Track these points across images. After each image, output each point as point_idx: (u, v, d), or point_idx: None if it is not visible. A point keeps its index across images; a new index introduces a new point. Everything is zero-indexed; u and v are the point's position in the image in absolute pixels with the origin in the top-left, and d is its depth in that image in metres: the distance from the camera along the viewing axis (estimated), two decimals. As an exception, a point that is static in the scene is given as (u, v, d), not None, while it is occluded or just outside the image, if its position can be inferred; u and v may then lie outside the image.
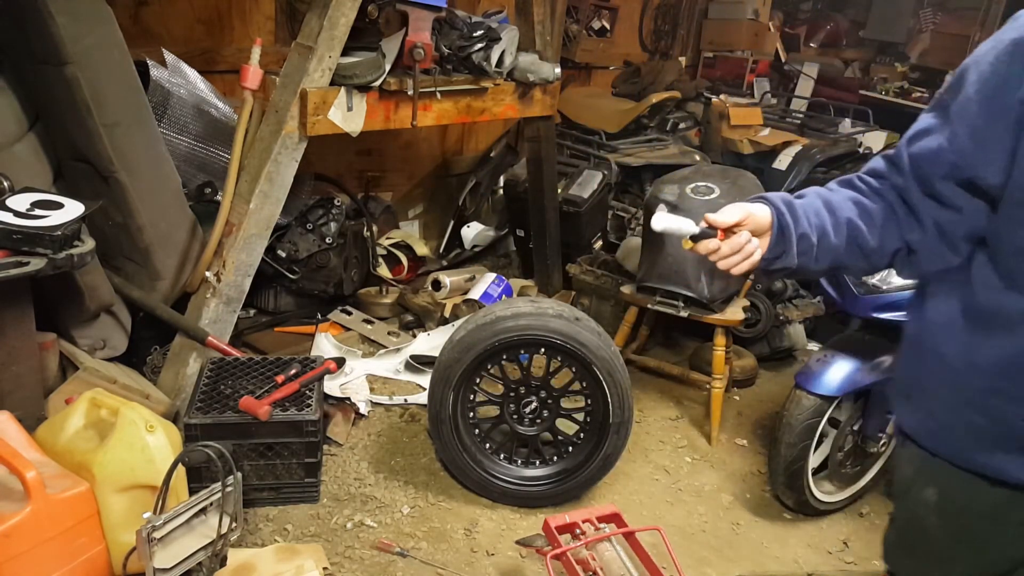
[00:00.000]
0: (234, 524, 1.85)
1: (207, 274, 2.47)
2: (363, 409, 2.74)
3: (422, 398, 2.84)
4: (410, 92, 2.61)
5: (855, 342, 2.38)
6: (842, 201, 1.25)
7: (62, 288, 2.22)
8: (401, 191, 4.15)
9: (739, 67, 5.47)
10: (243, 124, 2.42)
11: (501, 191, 4.12)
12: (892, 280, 2.25)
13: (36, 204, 1.97)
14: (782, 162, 3.99)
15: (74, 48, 2.10)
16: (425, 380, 2.92)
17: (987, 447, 1.15)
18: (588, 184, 3.66)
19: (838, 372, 2.28)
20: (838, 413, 2.40)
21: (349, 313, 3.38)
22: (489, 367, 2.35)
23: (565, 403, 2.43)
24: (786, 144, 4.06)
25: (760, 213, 1.22)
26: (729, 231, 1.21)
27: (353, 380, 2.92)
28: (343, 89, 2.46)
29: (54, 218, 1.93)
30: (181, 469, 1.86)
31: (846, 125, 4.39)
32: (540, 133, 3.36)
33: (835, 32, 6.62)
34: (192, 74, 2.80)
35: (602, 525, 1.94)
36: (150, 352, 2.61)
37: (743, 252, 1.21)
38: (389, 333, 3.29)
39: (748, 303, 3.07)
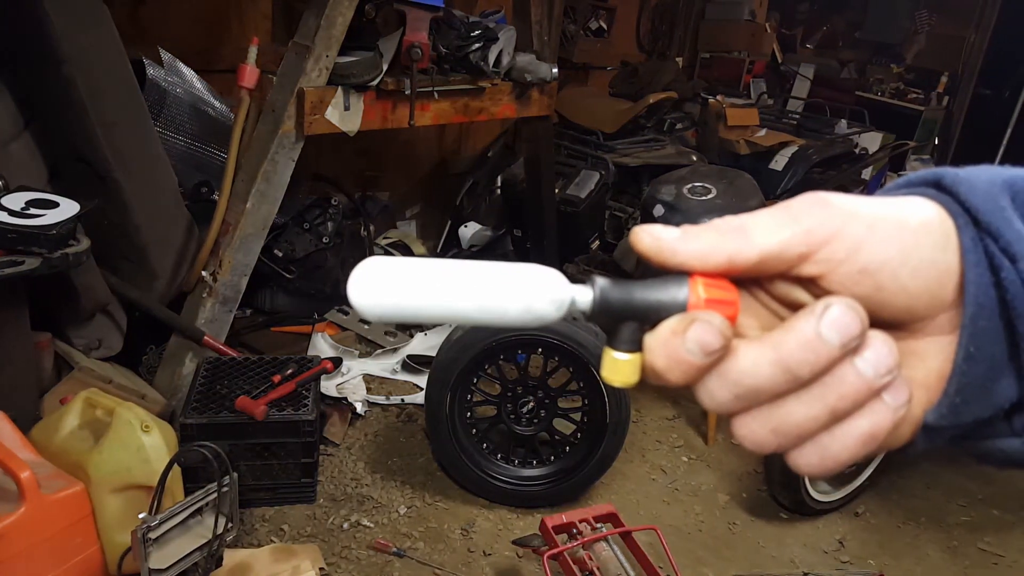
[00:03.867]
0: (230, 524, 1.85)
1: (203, 274, 2.46)
2: (360, 409, 2.74)
3: (419, 398, 2.83)
4: (407, 92, 2.60)
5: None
6: None
7: (58, 287, 2.21)
8: (399, 191, 4.14)
9: (736, 68, 5.48)
10: (240, 123, 2.41)
11: (499, 191, 4.12)
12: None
13: (31, 203, 1.96)
14: (778, 162, 3.99)
15: (70, 47, 2.09)
16: (422, 380, 2.91)
17: None
18: (585, 184, 3.67)
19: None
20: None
21: (346, 313, 3.38)
22: (486, 367, 2.35)
23: (562, 403, 2.42)
24: (783, 145, 4.07)
25: (891, 248, 0.34)
26: (718, 286, 0.34)
27: (350, 380, 2.91)
28: (340, 89, 2.45)
29: (49, 217, 1.93)
30: (177, 469, 1.85)
31: (842, 126, 4.40)
32: (538, 133, 3.35)
33: (831, 33, 6.64)
34: (189, 73, 2.79)
35: (599, 525, 1.94)
36: (146, 352, 2.60)
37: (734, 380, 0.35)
38: (386, 333, 3.29)
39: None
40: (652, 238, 0.35)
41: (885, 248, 0.33)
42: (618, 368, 0.35)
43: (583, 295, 0.34)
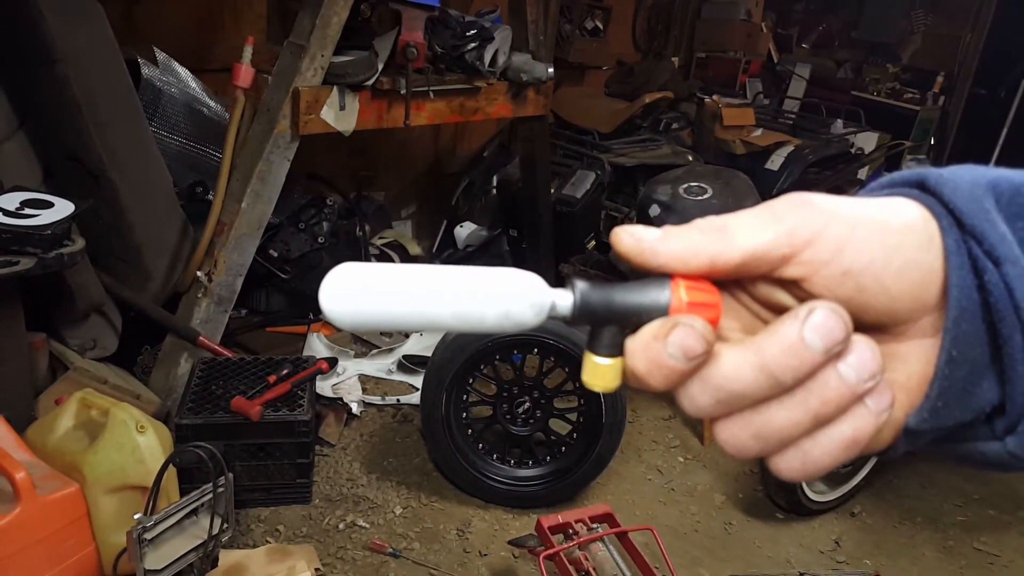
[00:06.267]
0: (225, 525, 1.84)
1: (198, 274, 2.45)
2: (355, 409, 2.73)
3: (415, 398, 2.83)
4: (403, 91, 2.60)
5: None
6: None
7: (52, 288, 2.20)
8: (394, 190, 4.14)
9: (732, 68, 5.48)
10: (235, 123, 2.41)
11: (494, 191, 4.11)
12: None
13: (26, 203, 1.96)
14: (774, 162, 3.99)
15: (64, 46, 2.09)
16: (418, 380, 2.91)
17: None
18: (581, 184, 3.66)
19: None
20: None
21: (342, 313, 3.37)
22: (482, 367, 2.35)
23: (558, 403, 2.42)
24: (778, 144, 4.07)
25: (872, 250, 0.33)
26: (699, 289, 0.34)
27: (345, 380, 2.91)
28: (336, 88, 2.45)
29: (44, 217, 1.92)
30: (172, 470, 1.85)
31: (838, 126, 4.40)
32: (533, 133, 3.35)
33: (827, 33, 6.64)
34: (183, 73, 2.79)
35: (595, 525, 1.94)
36: (141, 352, 2.59)
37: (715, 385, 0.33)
38: (381, 333, 3.28)
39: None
40: (632, 239, 0.34)
41: (868, 249, 0.33)
42: (599, 372, 0.34)
43: (563, 299, 0.34)
